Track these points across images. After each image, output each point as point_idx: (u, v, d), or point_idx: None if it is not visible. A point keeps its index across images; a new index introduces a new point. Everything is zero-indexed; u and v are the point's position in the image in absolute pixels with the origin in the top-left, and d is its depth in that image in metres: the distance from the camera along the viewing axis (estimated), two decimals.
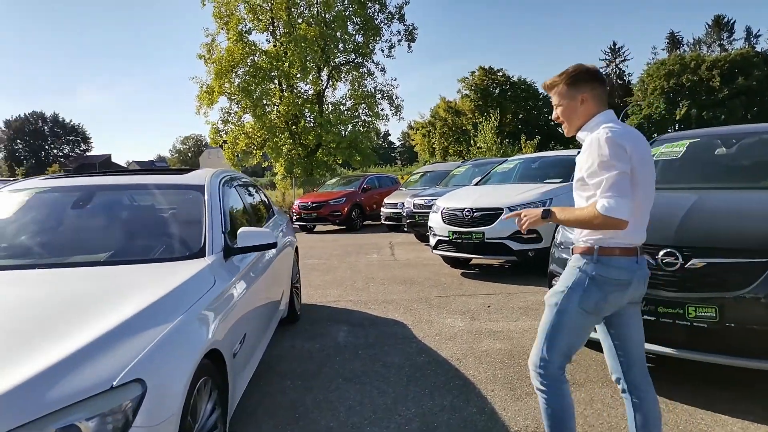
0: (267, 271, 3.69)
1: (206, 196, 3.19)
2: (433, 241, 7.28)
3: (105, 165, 71.72)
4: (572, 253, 2.20)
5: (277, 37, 25.15)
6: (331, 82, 26.83)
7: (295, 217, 14.79)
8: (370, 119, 26.85)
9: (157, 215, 3.19)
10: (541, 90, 35.18)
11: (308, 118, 25.44)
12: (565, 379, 2.19)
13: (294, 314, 4.95)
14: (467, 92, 55.67)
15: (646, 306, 2.98)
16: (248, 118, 25.65)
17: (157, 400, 1.75)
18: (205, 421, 2.18)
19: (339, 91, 26.01)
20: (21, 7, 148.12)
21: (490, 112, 27.88)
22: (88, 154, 78.86)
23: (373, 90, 26.87)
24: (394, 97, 27.41)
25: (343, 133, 25.25)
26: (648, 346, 3.03)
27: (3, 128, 74.46)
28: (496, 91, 53.76)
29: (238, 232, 3.01)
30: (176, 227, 3.10)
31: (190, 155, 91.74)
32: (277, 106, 24.96)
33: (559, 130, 2.38)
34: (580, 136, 2.19)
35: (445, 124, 55.45)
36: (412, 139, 66.19)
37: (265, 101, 24.84)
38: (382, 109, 27.23)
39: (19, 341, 1.80)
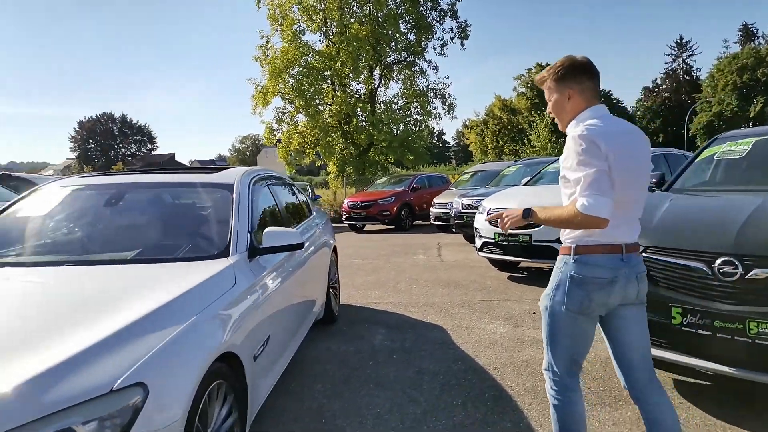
0: (298, 271, 3.62)
1: (234, 195, 3.15)
2: (479, 243, 7.05)
3: (168, 163, 74.70)
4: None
5: (330, 37, 25.36)
6: (383, 81, 26.83)
7: (344, 216, 14.84)
8: (422, 118, 26.67)
9: (185, 214, 3.18)
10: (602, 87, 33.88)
11: (360, 118, 25.51)
12: (577, 387, 2.17)
13: (331, 315, 4.88)
14: (523, 90, 54.47)
15: (701, 320, 2.72)
16: (302, 118, 26.02)
17: (159, 405, 1.70)
18: (218, 426, 2.12)
19: (391, 90, 25.94)
20: (97, 17, 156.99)
21: (545, 111, 27.04)
22: (153, 153, 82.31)
23: (425, 88, 26.67)
24: (446, 96, 27.10)
25: (395, 132, 25.18)
26: (704, 363, 2.78)
27: (77, 129, 78.76)
28: None
29: (264, 232, 2.95)
30: (203, 226, 3.08)
31: (249, 154, 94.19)
32: (330, 105, 25.18)
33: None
34: (568, 131, 2.11)
35: (499, 122, 54.51)
36: (467, 138, 65.47)
37: (317, 101, 25.11)
38: (435, 108, 27.00)
39: (24, 340, 1.78)
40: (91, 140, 79.32)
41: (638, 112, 57.90)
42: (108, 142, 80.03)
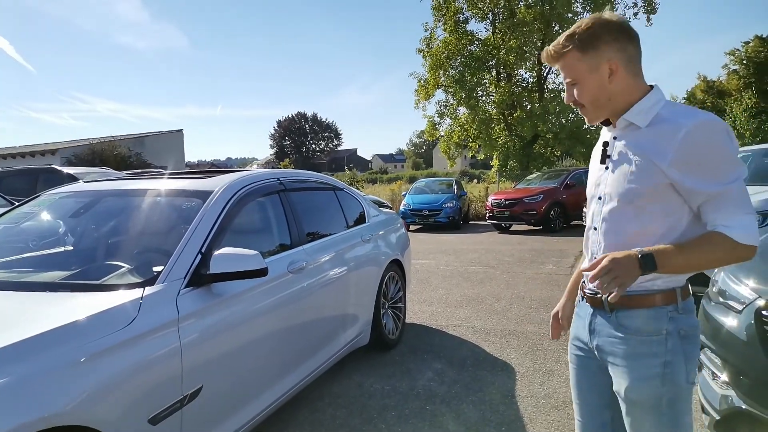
0: (299, 295, 3.02)
1: (204, 207, 2.66)
2: None
3: (351, 158, 79.46)
4: (629, 308, 1.48)
5: (496, 24, 24.07)
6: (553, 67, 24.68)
7: (487, 215, 13.80)
8: None
9: (140, 229, 2.74)
10: None
11: (527, 107, 23.78)
12: None
13: (382, 341, 4.19)
14: (736, 67, 46.40)
15: None
16: (463, 111, 25.19)
17: None
18: None
19: (561, 77, 23.61)
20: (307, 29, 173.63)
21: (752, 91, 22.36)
22: (338, 148, 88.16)
23: None
24: None
25: (564, 121, 22.94)
26: None
27: (276, 127, 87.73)
28: None
29: (213, 254, 2.41)
30: (149, 245, 2.63)
31: (425, 148, 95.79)
32: (492, 96, 23.96)
33: None
34: (630, 117, 1.46)
35: (702, 107, 47.29)
36: None
37: (479, 92, 24.07)
38: None
39: None
40: (286, 137, 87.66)
41: None
42: (300, 139, 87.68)
